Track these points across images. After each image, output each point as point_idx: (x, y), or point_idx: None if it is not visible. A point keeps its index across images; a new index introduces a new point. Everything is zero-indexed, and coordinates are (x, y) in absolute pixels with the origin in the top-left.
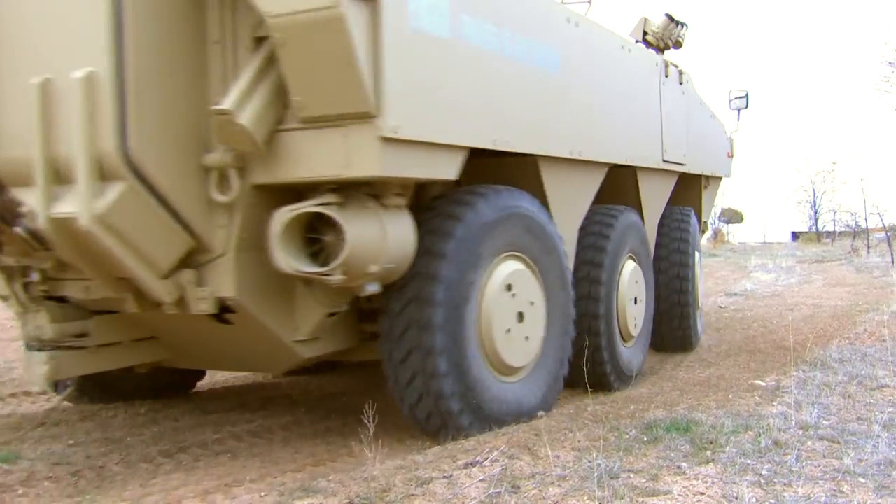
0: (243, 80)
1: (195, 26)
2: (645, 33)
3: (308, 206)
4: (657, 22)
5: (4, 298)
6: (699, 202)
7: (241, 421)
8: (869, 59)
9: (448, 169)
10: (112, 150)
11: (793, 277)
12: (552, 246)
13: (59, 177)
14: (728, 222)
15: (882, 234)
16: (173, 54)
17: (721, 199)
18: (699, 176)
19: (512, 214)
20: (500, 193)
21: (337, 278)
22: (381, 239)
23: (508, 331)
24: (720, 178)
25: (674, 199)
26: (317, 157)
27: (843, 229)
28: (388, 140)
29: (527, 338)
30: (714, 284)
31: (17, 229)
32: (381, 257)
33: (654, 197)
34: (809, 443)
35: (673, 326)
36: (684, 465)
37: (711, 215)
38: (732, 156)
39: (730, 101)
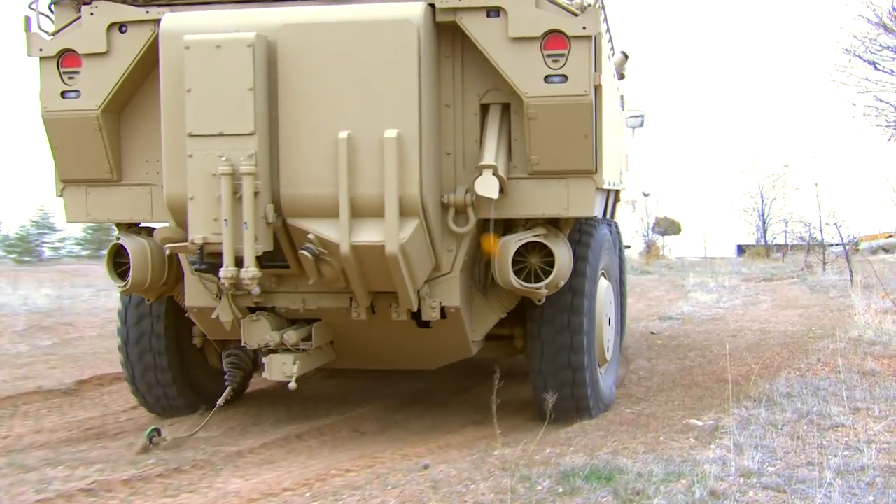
0: (491, 140)
1: (438, 93)
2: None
3: (530, 237)
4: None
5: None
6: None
7: (333, 413)
8: (822, 47)
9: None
10: (414, 194)
11: (737, 298)
12: (617, 259)
13: (356, 212)
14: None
15: (839, 248)
16: (433, 116)
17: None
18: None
19: (605, 239)
20: (601, 223)
21: (544, 292)
22: (568, 261)
23: (606, 329)
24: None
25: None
26: (542, 200)
27: (795, 242)
28: (598, 189)
29: (610, 336)
30: (646, 307)
31: (304, 252)
32: (566, 275)
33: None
34: (752, 493)
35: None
36: None
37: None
38: (627, 170)
39: (626, 119)
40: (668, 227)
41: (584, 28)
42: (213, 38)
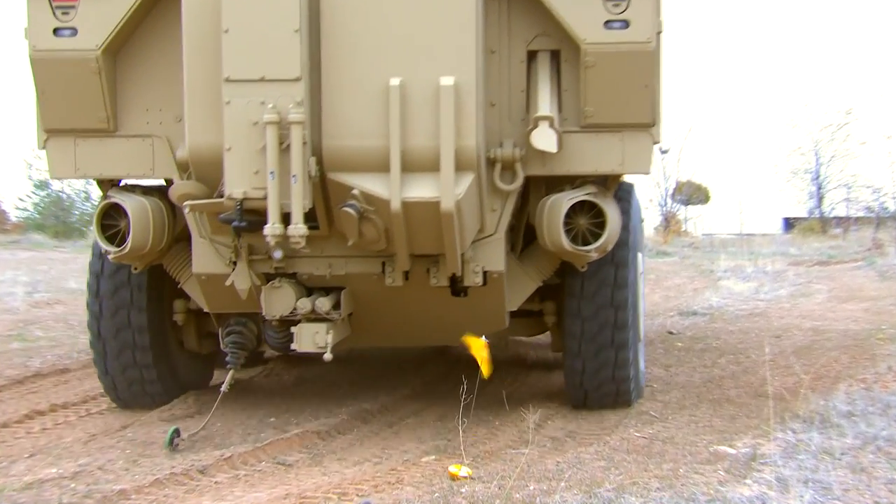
0: (544, 89)
1: (485, 38)
2: None
3: (581, 196)
4: None
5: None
6: None
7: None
8: None
9: None
10: (471, 146)
11: (783, 288)
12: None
13: (407, 166)
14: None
15: None
16: (482, 63)
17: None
18: None
19: (639, 205)
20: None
21: (594, 255)
22: (618, 222)
23: (641, 303)
24: None
25: None
26: (595, 155)
27: (860, 214)
28: (654, 144)
29: (643, 311)
30: (663, 299)
31: (347, 209)
32: (616, 237)
33: None
34: None
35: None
36: None
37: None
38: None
39: None
40: (692, 194)
41: None
42: None
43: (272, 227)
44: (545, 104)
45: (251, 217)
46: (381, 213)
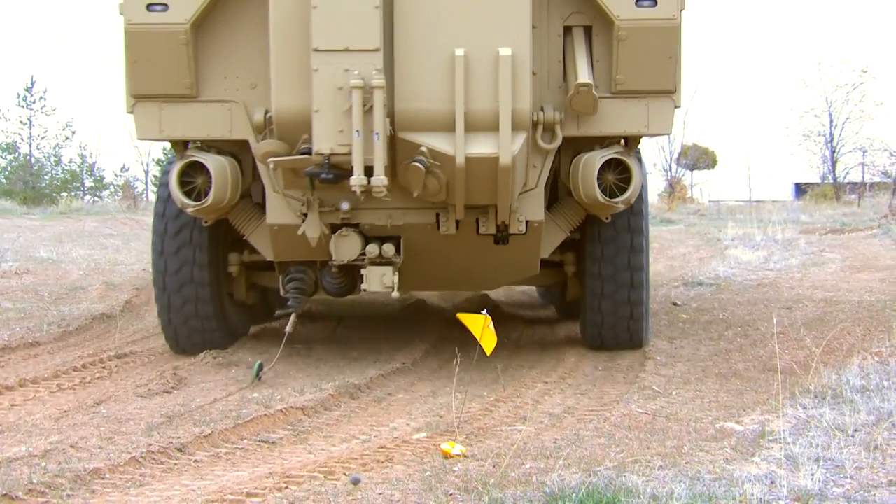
0: (582, 59)
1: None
2: None
3: (612, 154)
4: None
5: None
6: None
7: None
8: None
9: None
10: (525, 109)
11: (794, 257)
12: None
13: (469, 126)
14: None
15: None
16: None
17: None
18: None
19: (645, 173)
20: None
21: (621, 207)
22: (641, 178)
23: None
24: None
25: None
26: (624, 118)
27: (876, 179)
28: (675, 108)
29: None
30: (667, 268)
31: (416, 164)
32: (638, 191)
33: None
34: None
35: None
36: None
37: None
38: None
39: None
40: (698, 158)
41: None
42: None
43: (358, 178)
44: (584, 73)
45: (336, 171)
46: (445, 167)
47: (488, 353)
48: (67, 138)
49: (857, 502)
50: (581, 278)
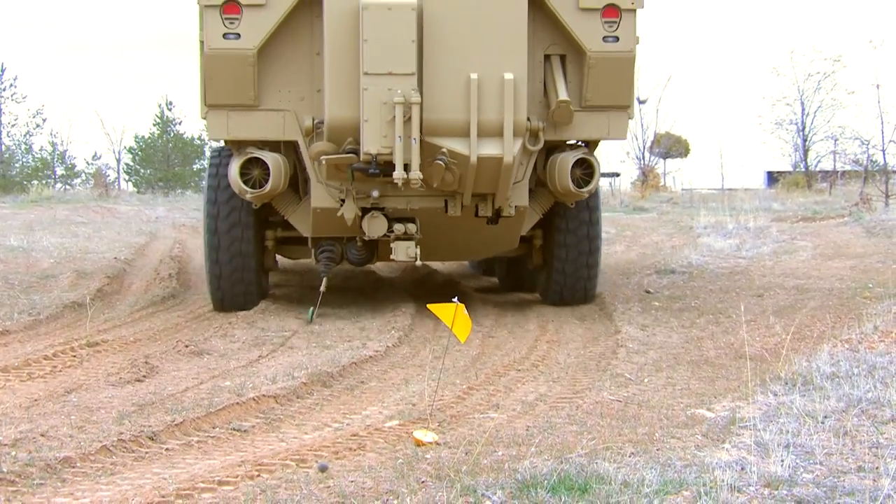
0: (560, 81)
1: None
2: None
3: (581, 154)
4: None
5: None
6: None
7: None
8: None
9: None
10: (522, 120)
11: (765, 245)
12: None
13: (480, 133)
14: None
15: None
16: None
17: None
18: None
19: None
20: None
21: (586, 195)
22: (599, 173)
23: None
24: None
25: None
26: (590, 127)
27: (847, 167)
28: (629, 119)
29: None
30: (639, 256)
31: (438, 161)
32: (598, 182)
33: None
34: None
35: None
36: None
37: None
38: None
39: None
40: (671, 146)
41: (632, 3)
42: (385, 1)
43: (399, 173)
44: (563, 91)
45: (381, 167)
46: (460, 164)
47: (462, 341)
48: (38, 126)
49: (827, 488)
50: (548, 249)
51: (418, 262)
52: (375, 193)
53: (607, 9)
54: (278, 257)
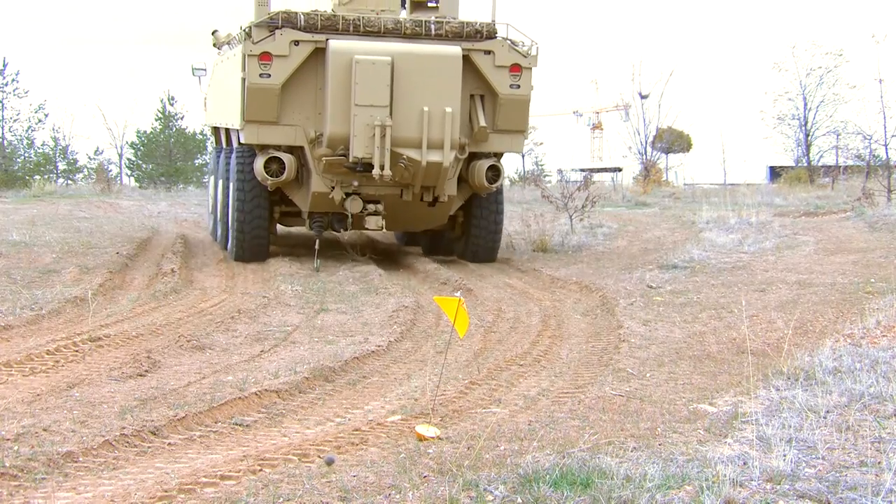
0: (481, 114)
1: None
2: None
3: (492, 161)
4: None
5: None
6: None
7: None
8: None
9: None
10: (456, 139)
11: (767, 240)
12: None
13: (429, 145)
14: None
15: None
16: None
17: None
18: None
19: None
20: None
21: (494, 189)
22: (504, 174)
23: None
24: None
25: None
26: (499, 143)
27: (850, 162)
28: (525, 139)
29: None
30: (641, 251)
31: (401, 164)
32: (503, 180)
33: None
34: (782, 503)
35: None
36: None
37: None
38: None
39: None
40: (673, 141)
41: (529, 63)
42: (370, 57)
43: (378, 171)
44: (482, 119)
45: (364, 166)
46: (414, 166)
47: (461, 337)
48: (40, 121)
49: (829, 483)
50: (467, 223)
51: (383, 230)
52: (355, 183)
53: (513, 66)
54: (278, 226)
